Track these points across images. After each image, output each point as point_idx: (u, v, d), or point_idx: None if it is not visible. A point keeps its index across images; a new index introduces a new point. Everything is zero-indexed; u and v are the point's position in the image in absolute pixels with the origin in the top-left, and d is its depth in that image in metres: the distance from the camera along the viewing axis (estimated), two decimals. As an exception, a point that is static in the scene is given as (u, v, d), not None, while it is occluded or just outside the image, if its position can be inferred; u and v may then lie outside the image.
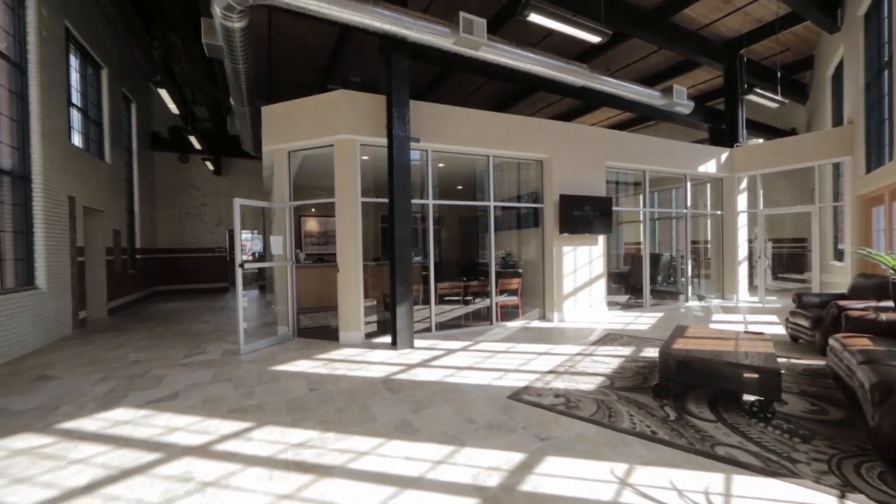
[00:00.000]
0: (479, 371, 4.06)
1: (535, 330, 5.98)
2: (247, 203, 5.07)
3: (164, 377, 4.03)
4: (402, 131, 4.96)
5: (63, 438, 2.73)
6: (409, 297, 5.00)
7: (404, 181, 4.98)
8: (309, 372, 4.13)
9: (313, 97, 5.39)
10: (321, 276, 8.08)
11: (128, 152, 9.67)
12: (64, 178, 6.26)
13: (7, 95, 5.27)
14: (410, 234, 5.05)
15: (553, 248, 6.57)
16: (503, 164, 7.79)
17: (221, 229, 12.56)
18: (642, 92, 6.67)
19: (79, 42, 7.11)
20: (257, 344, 5.11)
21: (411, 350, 4.93)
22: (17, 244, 5.35)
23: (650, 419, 2.85)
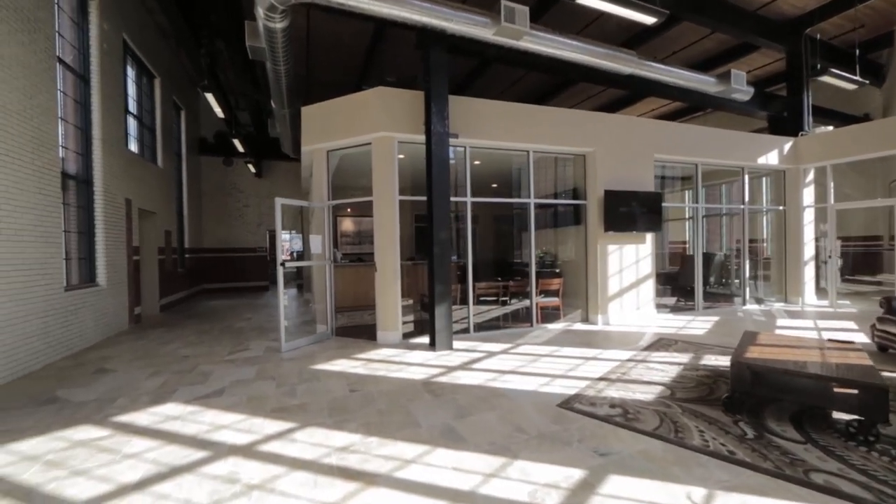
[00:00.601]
0: (524, 376, 3.85)
1: (578, 333, 5.68)
2: (287, 202, 5.12)
3: (211, 373, 4.11)
4: (441, 127, 4.83)
5: (118, 431, 2.80)
6: (448, 298, 4.87)
7: (443, 178, 4.85)
8: (349, 372, 4.08)
9: (350, 96, 5.37)
10: (357, 275, 8.12)
11: (177, 157, 10.19)
12: (121, 182, 6.63)
13: (73, 105, 5.62)
14: (450, 232, 4.91)
15: (597, 247, 6.23)
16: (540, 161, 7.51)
17: (262, 229, 13.00)
18: (696, 78, 6.18)
19: (135, 53, 7.53)
20: (297, 342, 5.15)
21: (450, 351, 4.79)
22: (80, 244, 5.70)
23: (724, 436, 2.54)
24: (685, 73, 6.08)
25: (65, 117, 5.34)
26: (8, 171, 4.04)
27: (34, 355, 4.34)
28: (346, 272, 7.82)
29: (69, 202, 5.47)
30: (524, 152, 6.08)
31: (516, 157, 8.64)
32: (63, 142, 5.24)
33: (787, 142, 7.72)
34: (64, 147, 5.31)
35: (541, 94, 9.77)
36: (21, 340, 4.15)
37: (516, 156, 7.18)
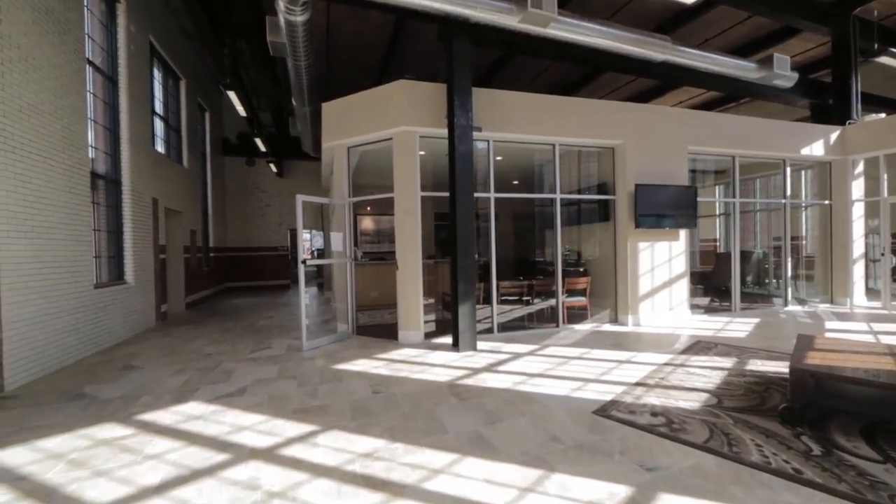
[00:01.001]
0: (554, 379, 3.65)
1: (607, 334, 5.41)
2: (309, 199, 5.07)
3: (233, 371, 4.08)
4: (465, 119, 4.67)
5: (141, 431, 2.76)
6: (472, 297, 4.70)
7: (467, 173, 4.68)
8: (371, 372, 3.97)
9: (371, 90, 5.27)
10: (378, 273, 8.04)
11: (202, 157, 10.38)
12: (148, 182, 6.75)
13: (102, 106, 5.73)
14: (473, 229, 4.74)
15: (627, 245, 5.93)
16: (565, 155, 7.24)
17: (283, 229, 13.15)
18: (735, 64, 5.80)
19: (161, 55, 7.66)
20: (318, 341, 5.08)
21: (474, 352, 4.63)
22: (109, 242, 5.81)
23: (786, 452, 2.28)
24: (723, 58, 5.72)
25: (94, 118, 5.44)
26: (40, 170, 4.11)
27: (66, 351, 4.42)
28: (366, 271, 7.75)
29: (98, 201, 5.57)
30: (550, 146, 5.84)
31: (538, 152, 8.37)
32: (92, 142, 5.34)
33: (834, 131, 7.19)
34: (94, 147, 5.41)
35: (565, 87, 9.47)
36: (53, 336, 4.23)
37: (538, 151, 6.94)
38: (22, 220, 3.85)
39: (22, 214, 3.85)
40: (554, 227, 5.86)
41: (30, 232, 3.95)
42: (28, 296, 3.90)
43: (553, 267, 7.96)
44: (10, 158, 3.72)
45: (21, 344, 3.78)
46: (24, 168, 3.89)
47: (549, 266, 8.55)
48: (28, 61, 3.99)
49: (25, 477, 2.22)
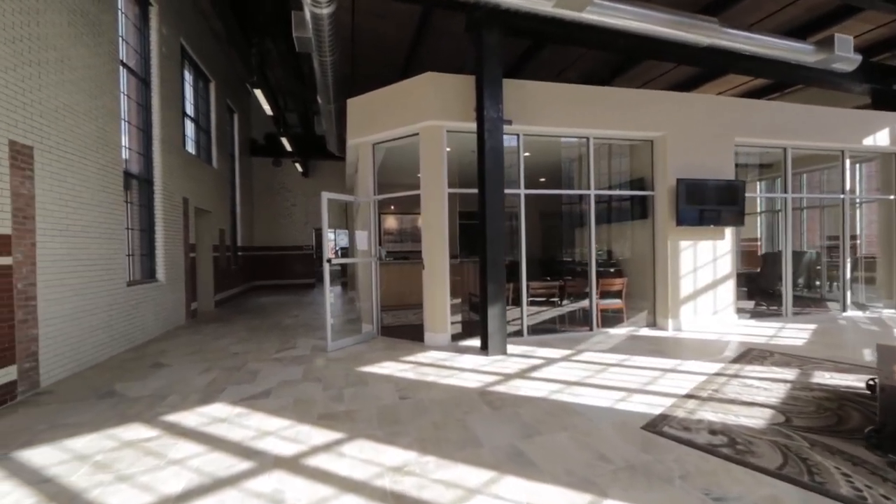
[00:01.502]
0: (594, 388, 3.38)
1: (646, 339, 5.06)
2: (334, 197, 4.97)
3: (259, 372, 4.01)
4: (495, 112, 4.44)
5: (166, 433, 2.69)
6: (502, 299, 4.47)
7: (497, 168, 4.45)
8: (397, 376, 3.81)
9: (398, 84, 5.12)
10: (402, 273, 7.92)
11: (231, 158, 10.57)
12: (179, 181, 6.87)
13: (135, 107, 5.84)
14: (504, 227, 4.51)
15: (668, 244, 5.54)
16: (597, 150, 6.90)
17: (308, 228, 13.28)
18: (790, 46, 5.32)
19: (191, 58, 7.81)
20: (343, 342, 4.98)
21: (504, 357, 4.40)
22: (142, 241, 5.92)
23: (883, 485, 1.95)
24: (777, 40, 5.25)
25: (127, 118, 5.54)
26: (75, 169, 4.18)
27: (99, 348, 4.48)
28: (390, 270, 7.64)
29: (131, 200, 5.68)
30: (583, 139, 5.53)
31: (566, 148, 8.02)
32: (125, 142, 5.44)
33: (902, 119, 6.53)
34: (127, 147, 5.51)
35: (601, 77, 8.96)
36: (87, 333, 4.29)
37: (566, 147, 6.63)
38: (58, 219, 3.91)
39: (57, 213, 3.91)
40: (587, 226, 5.54)
41: (65, 230, 4.01)
42: (63, 293, 3.96)
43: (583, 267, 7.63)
44: (46, 158, 3.78)
45: (56, 340, 3.84)
46: (59, 167, 3.95)
47: (577, 266, 8.20)
48: (63, 62, 4.05)
49: (51, 479, 2.17)
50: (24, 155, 3.51)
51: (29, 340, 3.52)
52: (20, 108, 3.49)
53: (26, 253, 3.51)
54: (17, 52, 3.48)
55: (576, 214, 10.53)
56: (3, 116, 3.32)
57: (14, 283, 3.37)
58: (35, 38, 3.69)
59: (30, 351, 3.53)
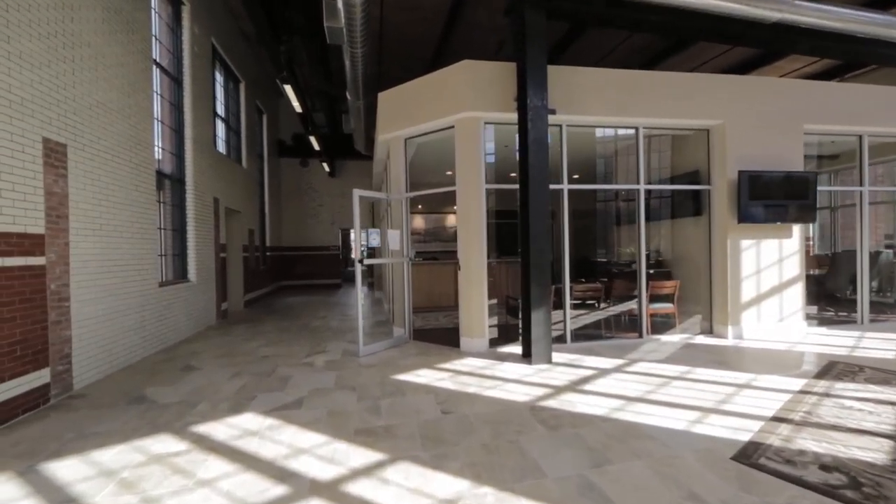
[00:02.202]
0: (660, 406, 2.98)
1: (705, 349, 4.58)
2: (365, 194, 4.75)
3: (289, 378, 3.81)
4: (539, 100, 4.09)
5: (195, 446, 2.50)
6: (547, 302, 4.11)
7: (541, 161, 4.10)
8: (435, 386, 3.52)
9: (432, 74, 4.85)
10: (431, 274, 7.67)
11: (260, 158, 10.62)
12: (210, 181, 6.84)
13: (168, 106, 5.82)
14: (548, 225, 4.15)
15: (727, 242, 5.03)
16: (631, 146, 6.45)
17: (335, 228, 13.24)
18: (871, 19, 4.70)
19: (222, 58, 7.81)
20: (375, 346, 4.74)
21: (549, 366, 4.04)
22: (174, 241, 5.89)
23: None
24: (857, 13, 4.65)
25: (160, 118, 5.51)
26: (108, 168, 4.11)
27: (132, 349, 4.42)
28: (419, 270, 7.39)
29: (163, 200, 5.65)
30: (632, 129, 5.09)
31: (601, 143, 7.56)
32: (158, 141, 5.40)
33: None
34: (159, 147, 5.48)
35: (646, 62, 8.41)
36: (120, 335, 4.22)
37: (601, 141, 6.19)
38: (91, 218, 3.84)
39: (91, 212, 3.84)
40: (637, 223, 5.10)
41: (98, 230, 3.94)
42: (96, 293, 3.89)
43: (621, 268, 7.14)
44: (79, 156, 3.71)
45: (90, 342, 3.77)
46: (93, 166, 3.88)
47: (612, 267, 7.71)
48: (98, 59, 3.99)
49: (74, 499, 1.99)
50: (57, 153, 3.44)
51: (62, 342, 3.44)
52: (54, 105, 3.42)
53: (59, 253, 3.44)
54: (52, 47, 3.41)
55: (611, 212, 10.00)
56: (37, 113, 3.24)
57: (47, 284, 3.29)
58: (69, 34, 3.62)
59: (63, 353, 3.45)
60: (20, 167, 3.08)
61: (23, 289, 3.06)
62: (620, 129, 7.07)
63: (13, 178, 3.02)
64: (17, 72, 3.07)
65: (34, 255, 3.17)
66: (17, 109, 3.05)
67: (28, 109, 3.16)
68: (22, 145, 3.10)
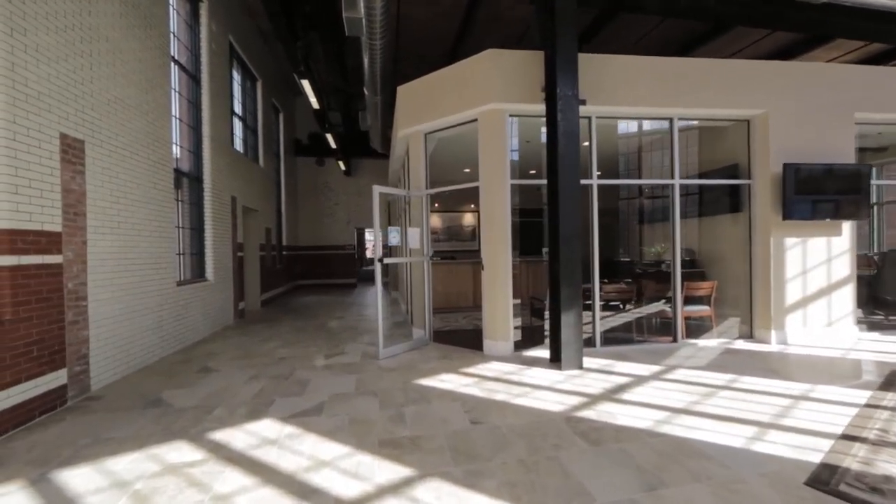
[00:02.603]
0: (710, 420, 2.71)
1: (748, 355, 4.26)
2: (385, 191, 4.58)
3: (308, 382, 3.67)
4: (570, 89, 3.85)
5: (212, 455, 2.36)
6: (578, 304, 3.87)
7: (572, 155, 3.86)
8: (462, 392, 3.32)
9: (455, 65, 4.65)
10: (450, 273, 7.47)
11: (276, 157, 10.60)
12: (228, 180, 6.79)
13: (185, 104, 5.77)
14: (579, 222, 3.91)
15: (770, 241, 4.69)
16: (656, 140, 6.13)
17: (351, 227, 13.17)
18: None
19: (239, 56, 7.77)
20: (395, 348, 4.57)
21: (580, 372, 3.80)
22: (192, 239, 5.84)
23: None
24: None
25: (177, 115, 5.45)
26: (126, 165, 4.04)
27: (149, 350, 4.35)
28: (438, 270, 7.20)
29: (181, 198, 5.59)
30: (665, 120, 4.80)
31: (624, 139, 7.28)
32: (175, 139, 5.34)
33: None
34: (177, 144, 5.43)
35: (677, 49, 8.01)
36: (137, 335, 4.15)
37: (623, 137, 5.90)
38: (109, 216, 3.77)
39: (108, 210, 3.77)
40: (671, 220, 4.79)
41: (116, 228, 3.87)
42: (114, 293, 3.81)
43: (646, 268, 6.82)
44: (97, 152, 3.63)
45: (107, 342, 3.69)
46: (110, 162, 3.81)
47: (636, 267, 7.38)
48: (115, 54, 3.92)
49: (84, 514, 1.86)
50: (74, 149, 3.37)
51: (79, 342, 3.37)
52: (71, 100, 3.34)
53: (77, 251, 3.36)
54: (69, 41, 3.33)
55: (634, 210, 9.63)
56: (55, 108, 3.17)
57: (64, 283, 3.21)
58: (87, 28, 3.54)
59: (80, 353, 3.37)
60: (37, 163, 3.00)
61: (39, 288, 2.98)
62: (645, 123, 6.79)
63: (30, 175, 2.94)
64: (34, 65, 2.99)
65: (51, 253, 3.10)
66: (33, 104, 2.98)
67: (45, 104, 3.08)
68: (39, 141, 3.02)
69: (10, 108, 2.79)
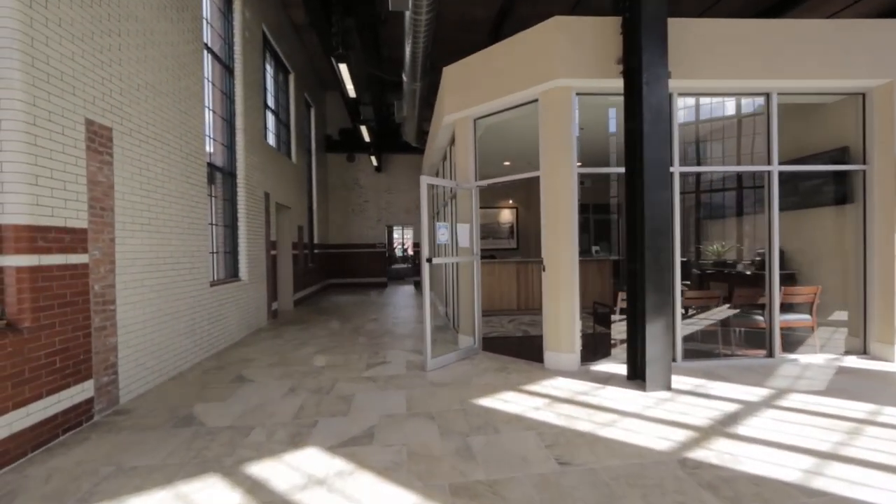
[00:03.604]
0: (874, 470, 2.07)
1: (871, 376, 3.51)
2: (434, 181, 4.10)
3: (352, 398, 3.24)
4: (657, 58, 3.23)
5: (249, 496, 1.94)
6: (667, 313, 3.26)
7: (660, 136, 3.24)
8: (534, 418, 2.79)
9: (511, 38, 4.10)
10: (492, 274, 6.94)
11: (308, 153, 10.36)
12: (261, 175, 6.52)
13: (219, 96, 5.50)
14: (670, 215, 3.29)
15: (894, 238, 3.89)
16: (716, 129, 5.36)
17: (381, 225, 12.84)
18: None
19: (272, 47, 7.50)
20: (443, 359, 4.09)
21: (670, 394, 3.19)
22: (225, 237, 5.57)
23: None
24: None
25: (210, 106, 5.17)
26: (157, 156, 3.74)
27: (182, 355, 4.05)
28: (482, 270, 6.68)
29: (214, 194, 5.33)
30: (760, 95, 4.07)
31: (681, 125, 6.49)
32: (209, 132, 5.06)
33: None
34: (210, 137, 5.15)
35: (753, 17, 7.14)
36: (170, 340, 3.86)
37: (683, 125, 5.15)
38: (139, 212, 3.47)
39: (139, 205, 3.46)
40: (768, 213, 4.06)
41: (147, 224, 3.57)
42: (145, 295, 3.51)
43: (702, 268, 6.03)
44: (126, 142, 3.32)
45: (138, 349, 3.39)
46: (140, 153, 3.51)
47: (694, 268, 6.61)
48: (146, 36, 3.61)
49: (96, 585, 1.46)
50: (101, 137, 3.06)
51: (107, 350, 3.06)
52: (98, 83, 3.03)
53: (104, 250, 3.05)
54: (95, 17, 3.02)
55: (691, 203, 8.77)
56: (79, 91, 2.85)
57: (91, 285, 2.91)
58: (116, 5, 3.23)
59: (109, 362, 3.07)
60: (60, 151, 2.68)
61: (63, 291, 2.67)
62: (704, 100, 6.01)
63: (52, 164, 2.62)
64: (56, 42, 2.68)
65: (76, 252, 2.79)
66: (56, 84, 2.66)
67: (68, 86, 2.76)
68: (62, 126, 2.71)
69: (29, 89, 2.48)
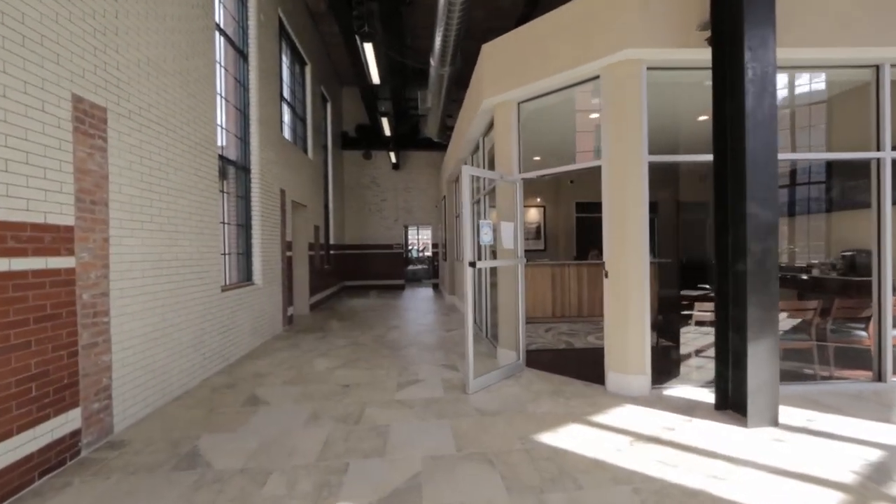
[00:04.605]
0: None
1: None
2: (477, 172, 3.55)
3: (387, 430, 2.69)
4: (764, 16, 2.62)
5: None
6: (774, 331, 2.64)
7: (767, 114, 2.63)
8: (621, 466, 2.21)
9: (564, 7, 3.52)
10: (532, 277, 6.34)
11: (324, 149, 9.91)
12: (277, 171, 6.06)
13: (232, 82, 5.04)
14: (778, 212, 2.67)
15: None
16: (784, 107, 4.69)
17: (398, 225, 12.35)
18: None
19: (289, 36, 7.05)
20: (485, 378, 3.52)
21: (779, 431, 2.57)
22: (238, 237, 5.11)
23: None
24: None
25: (223, 94, 4.71)
26: (161, 143, 3.26)
27: (189, 372, 3.57)
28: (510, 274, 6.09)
29: (227, 190, 4.87)
30: (870, 67, 3.41)
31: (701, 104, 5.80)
32: (221, 121, 4.60)
33: None
34: (223, 128, 4.69)
35: None
36: (175, 355, 3.37)
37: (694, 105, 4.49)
38: (139, 207, 2.99)
39: (138, 199, 2.98)
40: (879, 208, 3.40)
41: (148, 222, 3.09)
42: (146, 303, 3.03)
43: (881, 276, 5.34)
44: (123, 125, 2.85)
45: (136, 368, 2.91)
46: (141, 139, 3.03)
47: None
48: (149, 4, 3.13)
49: None
50: (93, 118, 2.58)
51: (99, 371, 2.58)
52: (89, 53, 2.55)
53: (96, 252, 2.57)
54: (86, -25, 2.54)
55: (880, 184, 8.01)
56: (64, 60, 2.37)
57: (78, 294, 2.42)
58: (111, -35, 2.76)
59: (101, 385, 2.59)
60: (38, 131, 2.20)
61: (40, 302, 2.19)
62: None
63: (27, 146, 2.14)
64: (36, -1, 2.20)
65: (58, 254, 2.30)
66: (32, 49, 2.18)
67: (50, 52, 2.28)
68: (41, 101, 2.23)
69: (-2, 52, 2.00)
